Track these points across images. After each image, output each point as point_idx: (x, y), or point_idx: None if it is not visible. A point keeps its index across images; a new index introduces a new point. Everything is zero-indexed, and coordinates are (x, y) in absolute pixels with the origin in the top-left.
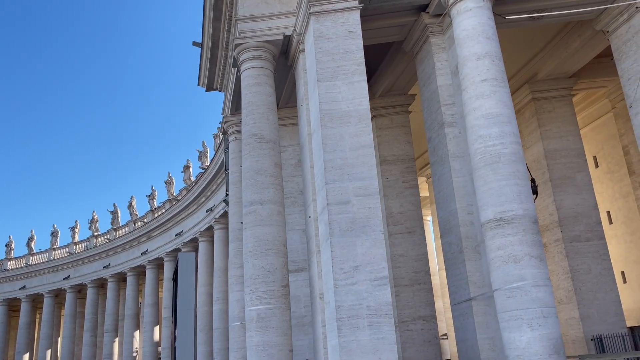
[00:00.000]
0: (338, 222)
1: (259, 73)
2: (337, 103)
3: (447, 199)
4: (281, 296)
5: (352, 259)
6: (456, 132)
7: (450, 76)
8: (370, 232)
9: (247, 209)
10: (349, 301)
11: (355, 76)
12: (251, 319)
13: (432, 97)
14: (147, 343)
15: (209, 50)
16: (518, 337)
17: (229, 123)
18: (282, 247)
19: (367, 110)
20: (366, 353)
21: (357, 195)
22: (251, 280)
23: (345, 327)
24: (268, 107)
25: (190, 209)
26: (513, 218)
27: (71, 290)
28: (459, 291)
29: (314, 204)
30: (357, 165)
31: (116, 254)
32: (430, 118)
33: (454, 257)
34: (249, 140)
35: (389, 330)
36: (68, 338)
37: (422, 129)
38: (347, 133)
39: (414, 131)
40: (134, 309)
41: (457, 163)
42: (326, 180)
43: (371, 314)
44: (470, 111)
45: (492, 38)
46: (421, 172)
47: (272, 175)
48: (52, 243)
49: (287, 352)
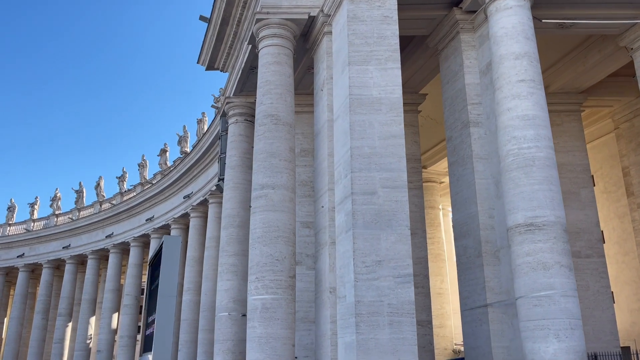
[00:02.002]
0: (362, 213)
1: (279, 52)
2: (368, 89)
3: (466, 201)
4: (288, 287)
5: (375, 253)
6: (481, 133)
7: (478, 75)
8: (396, 227)
9: (257, 192)
10: (370, 297)
11: (389, 63)
12: (255, 309)
13: (457, 95)
14: (104, 330)
15: (217, 26)
16: (544, 348)
17: (231, 104)
18: (292, 236)
19: (399, 99)
20: (385, 353)
21: (384, 186)
22: (257, 268)
23: (364, 324)
24: (286, 88)
25: (165, 194)
26: (544, 224)
27: (24, 270)
28: (473, 296)
29: (329, 194)
30: (386, 156)
31: (78, 235)
32: (453, 117)
33: (469, 261)
34: (264, 121)
35: (410, 330)
36: (16, 319)
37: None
38: (377, 121)
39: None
40: (92, 294)
41: (480, 164)
42: (352, 168)
43: (392, 312)
44: (504, 111)
45: (530, 39)
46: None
47: (286, 159)
48: (8, 218)
49: (291, 346)
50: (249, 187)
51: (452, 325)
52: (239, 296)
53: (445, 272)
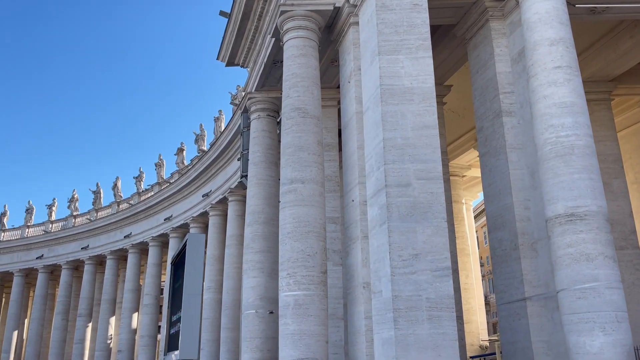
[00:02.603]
0: (397, 205)
1: (305, 44)
2: (399, 79)
3: (500, 192)
4: (320, 282)
5: (412, 247)
6: (515, 122)
7: (510, 63)
8: (432, 219)
9: (286, 187)
10: (407, 291)
11: (420, 52)
12: (287, 305)
13: (488, 84)
14: (125, 330)
15: (238, 21)
16: (589, 342)
17: (253, 100)
18: (322, 231)
19: (431, 89)
20: (425, 348)
21: (418, 178)
22: (289, 264)
23: (402, 319)
24: (313, 81)
25: (183, 193)
26: (586, 214)
27: (44, 271)
28: (509, 290)
29: (359, 187)
30: (420, 147)
31: (96, 236)
32: (484, 107)
33: (505, 254)
34: (291, 115)
35: (450, 325)
36: (37, 320)
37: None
38: (409, 111)
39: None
40: (112, 294)
41: (514, 155)
42: (385, 160)
43: (431, 307)
44: (540, 99)
45: (565, 24)
46: None
47: (315, 153)
48: (27, 220)
49: (324, 343)
50: (272, 183)
51: (477, 320)
52: (265, 293)
53: (470, 267)
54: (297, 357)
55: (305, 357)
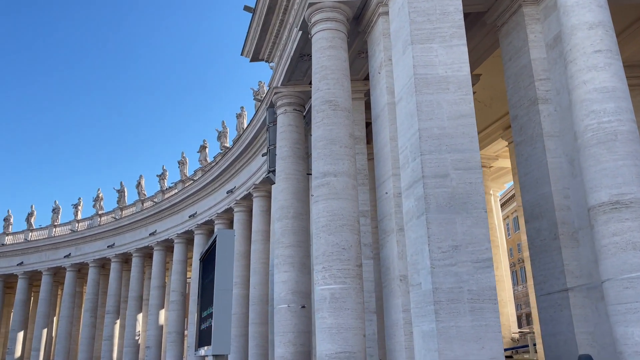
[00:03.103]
0: (435, 196)
1: (334, 36)
2: (434, 67)
3: (538, 181)
4: (356, 276)
5: (452, 238)
6: (551, 110)
7: (545, 49)
8: (471, 210)
9: (318, 180)
10: (448, 283)
11: (454, 39)
12: (323, 299)
13: (522, 72)
14: (152, 326)
15: (262, 16)
16: (638, 332)
17: (279, 94)
18: (356, 224)
19: (467, 77)
20: (467, 341)
21: (456, 168)
22: (324, 258)
23: (444, 312)
24: (343, 73)
25: (207, 190)
26: (632, 202)
27: (71, 269)
28: (550, 281)
29: (393, 179)
30: (457, 136)
31: (121, 234)
32: (518, 95)
33: (543, 245)
34: (322, 107)
35: (493, 317)
36: (66, 318)
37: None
38: (445, 100)
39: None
40: (138, 291)
41: (552, 142)
42: (421, 150)
43: (473, 299)
44: (579, 84)
45: (604, 7)
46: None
47: (347, 146)
48: (53, 220)
49: (362, 337)
50: (301, 178)
51: (508, 312)
52: (296, 288)
53: (499, 258)
54: (335, 350)
55: (343, 350)
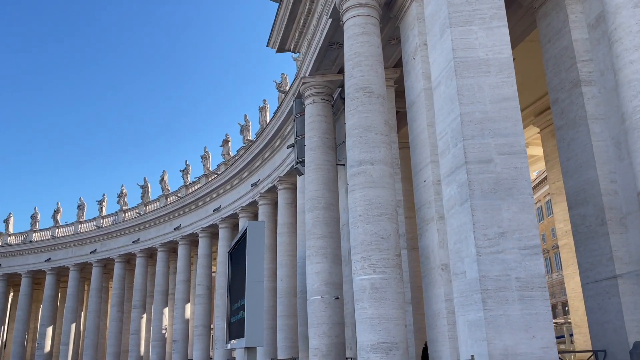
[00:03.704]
0: (479, 182)
1: (367, 22)
2: (474, 50)
3: (582, 166)
4: (395, 266)
5: (497, 225)
6: (595, 92)
7: (586, 29)
8: (517, 195)
9: (354, 169)
10: (495, 271)
11: (494, 21)
12: (363, 289)
13: (563, 53)
14: (178, 320)
15: (290, 5)
16: None
17: (307, 84)
18: (394, 213)
19: (509, 59)
20: (517, 330)
21: (500, 153)
22: (362, 247)
23: (491, 300)
24: (376, 59)
25: (231, 184)
26: None
27: (97, 265)
28: (597, 268)
29: (432, 166)
30: (500, 120)
31: (146, 229)
32: (558, 77)
33: (589, 231)
34: (356, 95)
35: (543, 305)
36: (94, 312)
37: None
38: (486, 84)
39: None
40: (164, 286)
41: (597, 125)
42: (463, 135)
43: (521, 287)
44: (626, 64)
45: None
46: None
47: (383, 133)
48: (79, 216)
49: (403, 327)
50: (331, 168)
51: None
52: (330, 279)
53: None
54: (377, 341)
55: (385, 341)
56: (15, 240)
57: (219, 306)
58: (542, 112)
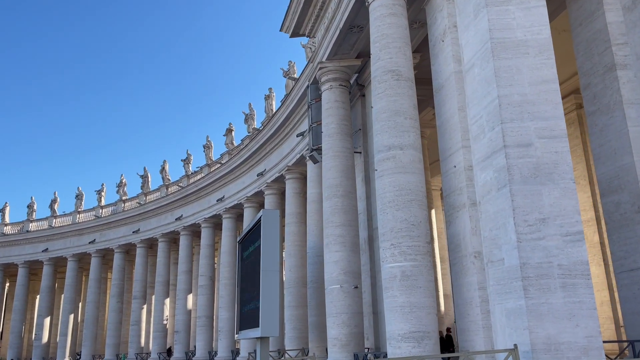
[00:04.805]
0: (519, 167)
1: (394, 2)
2: (512, 31)
3: (616, 152)
4: (426, 253)
5: (538, 210)
6: (631, 76)
7: (621, 12)
8: (558, 180)
9: (383, 154)
10: (536, 258)
11: (532, 1)
12: (393, 277)
13: (596, 37)
14: (180, 311)
15: None
16: None
17: (324, 69)
18: (424, 199)
19: (548, 40)
20: (560, 318)
21: (540, 137)
22: (392, 234)
23: (533, 288)
24: (404, 42)
25: (235, 174)
26: None
27: (96, 255)
28: (632, 257)
29: (463, 151)
30: (539, 103)
31: (146, 219)
32: (591, 62)
33: (623, 219)
34: (384, 78)
35: (586, 293)
36: (92, 303)
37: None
38: (525, 65)
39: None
40: (165, 276)
41: (632, 110)
42: (502, 118)
43: (564, 274)
44: None
45: None
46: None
47: (412, 117)
48: (77, 206)
49: (434, 315)
50: (349, 155)
51: None
52: (348, 267)
53: None
54: (408, 330)
55: (417, 330)
56: (11, 230)
57: (223, 297)
58: (563, 97)
